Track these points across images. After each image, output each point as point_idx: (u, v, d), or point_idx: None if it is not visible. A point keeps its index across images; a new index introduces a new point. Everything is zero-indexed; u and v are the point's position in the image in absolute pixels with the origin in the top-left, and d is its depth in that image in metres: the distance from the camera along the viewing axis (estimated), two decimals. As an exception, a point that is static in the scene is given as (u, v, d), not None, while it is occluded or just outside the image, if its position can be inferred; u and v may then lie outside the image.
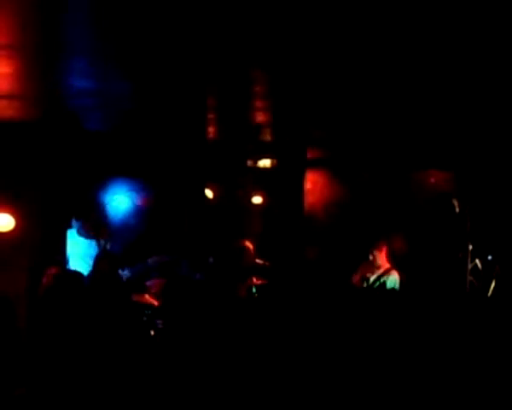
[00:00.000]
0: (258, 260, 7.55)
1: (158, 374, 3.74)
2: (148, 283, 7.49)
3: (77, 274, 5.47)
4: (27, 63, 3.96)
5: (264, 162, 9.39)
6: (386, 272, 7.33)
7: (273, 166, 9.61)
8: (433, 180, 8.95)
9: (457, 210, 8.06)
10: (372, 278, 7.29)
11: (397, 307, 4.74)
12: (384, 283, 7.22)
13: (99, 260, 6.48)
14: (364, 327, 4.11)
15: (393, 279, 7.27)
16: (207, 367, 3.73)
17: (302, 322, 4.10)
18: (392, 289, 7.05)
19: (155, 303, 7.04)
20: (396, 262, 7.59)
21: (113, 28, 3.23)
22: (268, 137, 7.56)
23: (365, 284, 7.25)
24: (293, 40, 3.39)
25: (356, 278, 7.43)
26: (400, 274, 7.38)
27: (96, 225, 7.65)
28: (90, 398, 3.63)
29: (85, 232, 7.55)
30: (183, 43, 3.46)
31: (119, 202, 8.64)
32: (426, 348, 3.97)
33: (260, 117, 6.13)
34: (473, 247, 7.89)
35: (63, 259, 7.01)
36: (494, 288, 7.65)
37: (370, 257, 7.37)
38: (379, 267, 7.35)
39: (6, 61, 3.87)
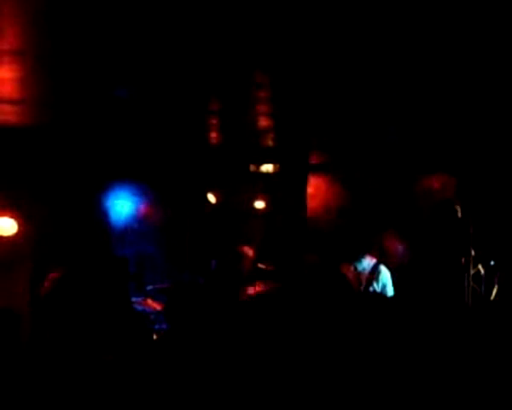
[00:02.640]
0: (260, 265, 7.54)
1: (160, 379, 3.74)
2: (149, 287, 7.51)
3: (80, 277, 5.47)
4: (32, 69, 3.98)
5: (267, 167, 9.39)
6: (375, 270, 7.22)
7: (276, 171, 9.61)
8: (435, 186, 8.94)
9: (460, 215, 8.05)
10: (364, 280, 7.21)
11: (398, 313, 4.73)
12: (378, 281, 7.15)
13: (103, 264, 6.49)
14: (365, 334, 4.11)
15: (385, 274, 7.19)
16: (210, 372, 3.73)
17: (303, 326, 4.10)
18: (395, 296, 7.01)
19: (158, 308, 7.04)
20: (397, 267, 7.55)
21: (117, 33, 3.24)
22: (270, 143, 7.57)
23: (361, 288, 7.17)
24: (296, 44, 3.40)
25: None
26: (386, 265, 7.29)
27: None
28: (92, 403, 3.63)
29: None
30: (186, 47, 3.47)
31: (122, 206, 8.65)
32: (427, 354, 3.97)
33: (263, 122, 6.14)
34: (475, 252, 7.88)
35: (67, 262, 7.00)
36: (496, 293, 7.64)
37: (352, 268, 7.26)
38: (364, 270, 7.25)
39: (10, 67, 3.88)
